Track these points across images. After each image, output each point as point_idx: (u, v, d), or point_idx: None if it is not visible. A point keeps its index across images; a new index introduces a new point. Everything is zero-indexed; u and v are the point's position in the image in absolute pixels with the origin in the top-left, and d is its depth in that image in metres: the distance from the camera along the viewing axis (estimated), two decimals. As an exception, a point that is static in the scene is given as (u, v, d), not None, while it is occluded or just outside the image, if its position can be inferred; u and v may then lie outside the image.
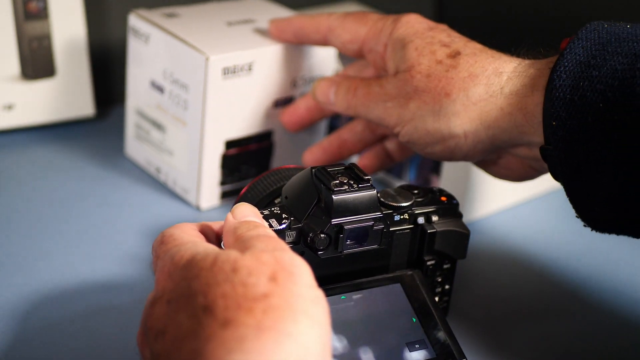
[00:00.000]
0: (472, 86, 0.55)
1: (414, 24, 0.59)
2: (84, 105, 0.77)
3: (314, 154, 0.67)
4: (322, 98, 0.64)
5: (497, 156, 0.58)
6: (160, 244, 0.46)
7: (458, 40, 0.58)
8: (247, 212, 0.47)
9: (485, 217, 0.70)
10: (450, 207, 0.55)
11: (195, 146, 0.66)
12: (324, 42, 0.65)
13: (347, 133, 0.67)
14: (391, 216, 0.52)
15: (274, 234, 0.45)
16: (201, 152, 0.66)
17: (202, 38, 0.65)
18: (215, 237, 0.49)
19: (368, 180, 0.49)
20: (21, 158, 0.73)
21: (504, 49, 0.57)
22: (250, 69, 0.65)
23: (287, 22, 0.66)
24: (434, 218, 0.54)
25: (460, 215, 0.55)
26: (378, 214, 0.49)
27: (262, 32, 0.68)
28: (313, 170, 0.50)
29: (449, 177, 0.68)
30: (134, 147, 0.73)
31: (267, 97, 0.68)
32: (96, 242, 0.63)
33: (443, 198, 0.55)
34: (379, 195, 0.51)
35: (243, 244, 0.43)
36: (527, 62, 0.55)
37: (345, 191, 0.48)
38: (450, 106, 0.55)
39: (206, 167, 0.67)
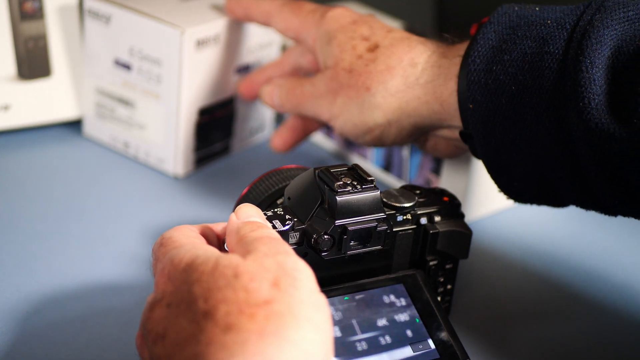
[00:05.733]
0: (389, 78, 0.58)
1: (338, 18, 0.62)
2: (80, 106, 0.76)
3: (282, 136, 0.70)
4: (269, 102, 0.68)
5: (424, 138, 0.62)
6: (160, 247, 0.46)
7: (379, 32, 0.60)
8: (250, 213, 0.47)
9: (486, 217, 0.70)
10: (452, 208, 0.55)
11: (171, 117, 0.70)
12: (267, 25, 0.68)
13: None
14: (394, 217, 0.52)
15: (277, 236, 0.45)
16: (177, 122, 0.70)
17: (168, 13, 0.69)
18: (216, 239, 0.49)
19: (372, 181, 0.49)
20: (18, 158, 0.72)
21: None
22: (216, 40, 0.69)
23: (237, 3, 0.69)
24: (437, 218, 0.54)
25: (462, 216, 0.56)
26: (382, 215, 0.49)
27: (216, 5, 0.72)
28: (316, 171, 0.50)
29: (450, 177, 0.68)
30: (94, 126, 0.75)
31: (230, 65, 0.72)
32: (96, 242, 0.63)
33: (445, 198, 0.55)
34: (381, 195, 0.51)
35: (246, 246, 0.43)
36: (439, 50, 0.58)
37: (348, 192, 0.48)
38: (371, 99, 0.59)
39: (182, 136, 0.70)
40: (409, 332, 0.49)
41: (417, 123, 0.58)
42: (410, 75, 0.58)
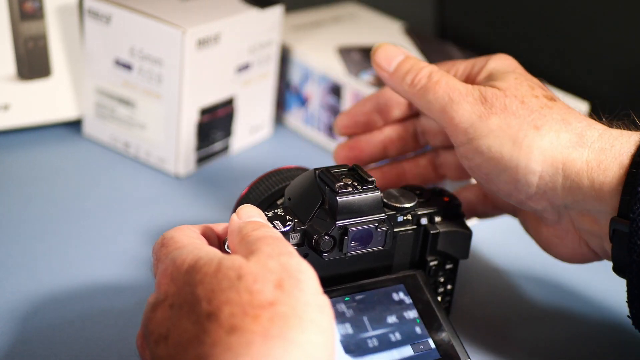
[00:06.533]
0: (564, 130, 0.51)
1: (512, 61, 0.57)
2: (80, 106, 0.76)
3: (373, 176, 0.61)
4: (382, 61, 0.57)
5: (557, 217, 0.54)
6: (161, 247, 0.46)
7: (552, 91, 0.55)
8: (252, 213, 0.47)
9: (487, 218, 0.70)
10: (452, 208, 0.55)
11: (172, 117, 0.70)
12: None
13: (409, 164, 0.63)
14: (394, 217, 0.52)
15: (279, 235, 0.45)
16: (179, 122, 0.70)
17: (169, 13, 0.69)
18: (217, 239, 0.49)
19: (372, 182, 0.49)
20: (18, 159, 0.72)
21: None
22: (217, 39, 0.69)
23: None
24: (437, 219, 0.54)
25: (462, 216, 0.56)
26: (382, 216, 0.49)
27: (216, 4, 0.72)
28: (317, 171, 0.50)
29: (449, 177, 0.68)
30: (95, 126, 0.75)
31: (231, 64, 0.72)
32: (96, 242, 0.63)
33: (445, 199, 0.55)
34: (382, 196, 0.51)
35: (248, 246, 0.43)
36: (616, 127, 0.53)
37: (349, 193, 0.48)
38: (537, 140, 0.51)
39: (183, 135, 0.71)
40: (417, 329, 0.50)
41: (570, 190, 0.51)
42: (588, 136, 0.51)
